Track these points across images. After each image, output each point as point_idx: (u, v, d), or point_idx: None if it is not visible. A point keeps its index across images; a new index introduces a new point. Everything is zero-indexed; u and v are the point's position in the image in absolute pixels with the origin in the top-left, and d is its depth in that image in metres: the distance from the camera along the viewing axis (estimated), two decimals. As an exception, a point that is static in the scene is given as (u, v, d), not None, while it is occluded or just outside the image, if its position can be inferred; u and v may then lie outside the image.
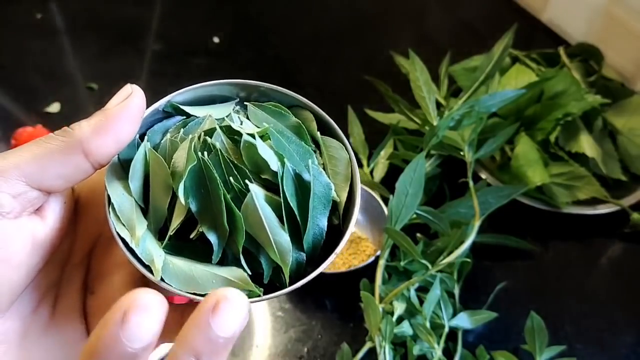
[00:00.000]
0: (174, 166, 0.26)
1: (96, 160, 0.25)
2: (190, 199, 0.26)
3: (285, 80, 0.86)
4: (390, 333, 0.51)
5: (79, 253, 0.29)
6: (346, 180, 0.28)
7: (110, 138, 0.25)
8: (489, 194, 0.60)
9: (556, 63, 0.76)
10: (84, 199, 0.29)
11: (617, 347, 0.58)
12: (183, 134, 0.28)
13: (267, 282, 0.26)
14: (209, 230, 0.26)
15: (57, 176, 0.25)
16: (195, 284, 0.25)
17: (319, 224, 0.27)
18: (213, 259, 0.26)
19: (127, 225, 0.26)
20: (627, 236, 0.68)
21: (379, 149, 0.68)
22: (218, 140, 0.27)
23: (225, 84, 0.29)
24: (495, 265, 0.64)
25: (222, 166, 0.26)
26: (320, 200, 0.27)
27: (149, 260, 0.25)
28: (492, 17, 0.97)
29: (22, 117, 0.79)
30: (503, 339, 0.58)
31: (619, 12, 0.81)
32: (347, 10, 1.01)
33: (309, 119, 0.29)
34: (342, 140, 0.29)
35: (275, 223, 0.26)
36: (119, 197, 0.26)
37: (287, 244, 0.26)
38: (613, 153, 0.70)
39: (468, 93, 0.64)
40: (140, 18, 0.96)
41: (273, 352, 0.57)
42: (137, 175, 0.27)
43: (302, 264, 0.27)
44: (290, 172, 0.26)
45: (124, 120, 0.25)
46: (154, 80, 0.84)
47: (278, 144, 0.27)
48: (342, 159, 0.28)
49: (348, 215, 0.28)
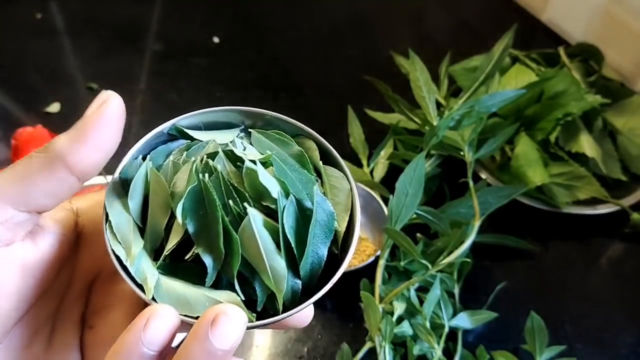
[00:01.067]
0: (174, 187, 0.26)
1: (81, 172, 0.24)
2: (188, 220, 0.26)
3: (284, 81, 0.87)
4: (390, 333, 0.51)
5: (78, 286, 0.29)
6: (346, 210, 0.28)
7: (90, 147, 0.24)
8: (489, 194, 0.60)
9: (556, 63, 0.76)
10: (87, 231, 0.29)
11: (617, 347, 0.58)
12: (186, 156, 0.28)
13: (260, 309, 0.26)
14: (205, 252, 0.26)
15: (43, 195, 0.24)
16: (187, 305, 0.25)
17: (318, 252, 0.27)
18: (207, 282, 0.26)
19: (123, 243, 0.26)
20: (627, 236, 0.68)
21: (379, 149, 0.68)
22: (220, 163, 0.27)
23: (231, 111, 0.30)
24: (495, 265, 0.64)
25: (222, 189, 0.26)
26: (322, 229, 0.27)
27: (141, 279, 0.25)
28: (492, 17, 0.97)
29: (22, 117, 0.79)
30: (503, 339, 0.58)
31: (618, 12, 0.81)
32: (347, 10, 1.01)
33: (312, 148, 0.30)
34: (343, 170, 0.29)
35: (271, 248, 0.25)
36: (117, 215, 0.26)
37: (283, 270, 0.25)
38: (613, 153, 0.70)
39: (468, 93, 0.64)
40: (140, 18, 0.96)
41: (273, 352, 0.57)
42: (137, 194, 0.27)
43: (298, 292, 0.26)
44: (293, 199, 0.26)
45: (102, 127, 0.25)
46: (153, 80, 0.84)
47: (280, 171, 0.27)
48: (343, 189, 0.28)
49: (346, 245, 0.28)
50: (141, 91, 0.82)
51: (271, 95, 0.84)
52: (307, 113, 0.81)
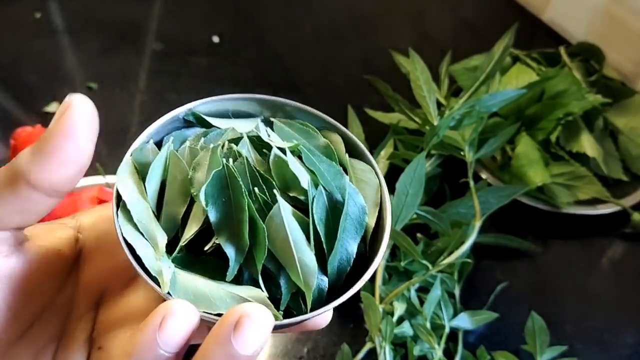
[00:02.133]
0: (194, 171, 0.24)
1: (48, 188, 0.22)
2: (209, 207, 0.24)
3: (285, 80, 0.86)
4: (391, 333, 0.51)
5: (82, 305, 0.27)
6: (375, 206, 0.26)
7: (54, 161, 0.22)
8: (490, 194, 0.59)
9: (557, 62, 0.76)
10: (89, 247, 0.28)
11: (618, 347, 0.58)
12: (204, 142, 0.26)
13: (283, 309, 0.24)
14: (227, 243, 0.23)
15: (12, 212, 0.23)
16: (207, 301, 0.23)
17: (347, 248, 0.25)
18: (228, 276, 0.24)
19: (146, 235, 0.24)
20: (628, 236, 0.68)
21: (379, 148, 0.68)
22: (244, 148, 0.25)
23: (251, 99, 0.28)
24: (496, 266, 0.64)
25: (247, 175, 0.24)
26: (352, 223, 0.25)
27: (156, 272, 0.23)
28: (492, 17, 0.97)
29: (21, 116, 0.78)
30: (504, 339, 0.58)
31: (619, 12, 0.81)
32: (347, 10, 1.00)
33: (337, 141, 0.28)
34: (371, 163, 0.27)
35: (302, 240, 0.23)
36: (134, 202, 0.24)
37: (313, 265, 0.23)
38: (614, 153, 0.70)
39: (469, 93, 0.64)
40: (139, 17, 0.96)
41: (273, 353, 0.57)
42: (156, 178, 0.25)
43: (324, 291, 0.24)
44: (322, 190, 0.25)
45: (65, 138, 0.22)
46: (153, 80, 0.84)
47: (309, 161, 0.25)
48: (371, 183, 0.27)
49: (376, 244, 0.26)
50: (141, 91, 0.82)
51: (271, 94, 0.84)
52: (307, 113, 0.80)
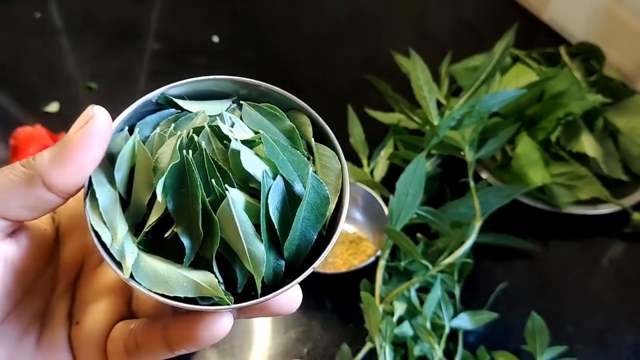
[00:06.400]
0: (157, 162, 0.25)
1: (61, 191, 0.24)
2: (168, 198, 0.25)
3: (285, 80, 0.86)
4: (391, 333, 0.51)
5: (63, 282, 0.29)
6: (336, 191, 0.27)
7: (71, 168, 0.24)
8: (490, 194, 0.59)
9: (557, 62, 0.76)
10: (64, 226, 0.29)
11: (618, 347, 0.58)
12: (173, 129, 0.27)
13: (240, 291, 0.26)
14: (183, 232, 0.25)
15: (20, 208, 0.24)
16: (165, 284, 0.25)
17: (307, 235, 0.26)
18: (184, 262, 0.25)
19: (108, 224, 0.25)
20: (628, 236, 0.67)
21: (379, 148, 0.68)
22: (204, 139, 0.26)
23: (222, 80, 0.29)
24: (496, 266, 0.64)
25: (205, 167, 0.25)
26: (313, 212, 0.26)
27: (120, 257, 0.25)
28: (492, 17, 0.97)
29: (21, 116, 0.78)
30: (504, 339, 0.58)
31: (620, 12, 0.81)
32: (347, 10, 1.00)
33: (305, 123, 0.29)
34: (336, 149, 0.28)
35: (251, 232, 0.25)
36: (102, 191, 0.25)
37: (262, 255, 0.25)
38: (614, 153, 0.70)
39: (469, 93, 0.64)
40: (139, 17, 0.96)
41: (273, 353, 0.57)
42: (124, 167, 0.26)
43: (280, 273, 0.26)
44: (281, 182, 0.26)
45: (85, 148, 0.24)
46: (153, 80, 0.84)
47: (271, 151, 0.26)
48: (333, 169, 0.27)
49: (334, 227, 0.27)
50: (140, 91, 0.82)
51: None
52: (307, 113, 0.80)
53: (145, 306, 0.29)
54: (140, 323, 0.27)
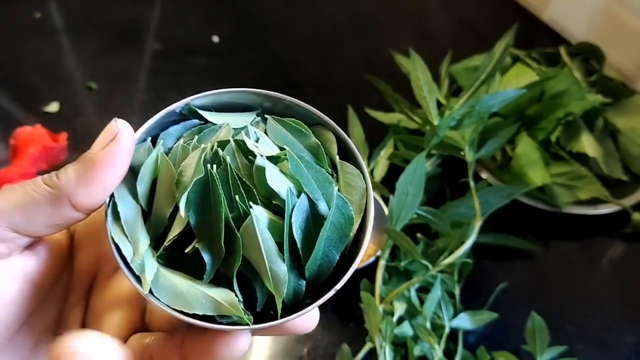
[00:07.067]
0: (181, 175, 0.25)
1: (86, 209, 0.24)
2: (191, 212, 0.25)
3: (285, 80, 0.86)
4: (391, 333, 0.51)
5: (76, 291, 0.28)
6: (360, 211, 0.27)
7: (97, 186, 0.24)
8: (490, 194, 0.59)
9: (557, 62, 0.76)
10: (79, 235, 0.29)
11: (618, 347, 0.58)
12: (197, 141, 0.27)
13: (260, 310, 0.25)
14: (204, 248, 0.25)
15: (44, 226, 0.24)
16: (183, 301, 0.24)
17: (329, 256, 0.26)
18: (204, 278, 0.25)
19: (130, 238, 0.25)
20: (628, 236, 0.67)
21: (379, 148, 0.68)
22: (229, 154, 0.25)
23: (247, 93, 0.28)
24: (496, 266, 0.64)
25: (229, 182, 0.25)
26: (337, 232, 0.25)
27: (140, 272, 0.24)
28: (493, 17, 0.97)
29: (20, 116, 0.78)
30: (504, 339, 0.58)
31: (620, 11, 0.81)
32: (347, 10, 1.00)
33: (330, 140, 0.28)
34: (360, 167, 0.27)
35: (273, 251, 0.24)
36: (125, 202, 0.25)
37: (284, 275, 0.24)
38: (614, 153, 0.70)
39: (469, 93, 0.64)
40: (139, 17, 0.96)
41: (272, 353, 0.57)
42: (146, 179, 0.26)
43: (300, 294, 0.26)
44: (305, 201, 0.25)
45: (111, 166, 0.24)
46: (153, 80, 0.84)
47: (296, 168, 0.25)
48: (358, 188, 0.27)
49: (357, 247, 0.26)
50: (141, 90, 0.82)
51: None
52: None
53: (159, 319, 0.29)
54: (156, 338, 0.27)
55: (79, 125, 0.75)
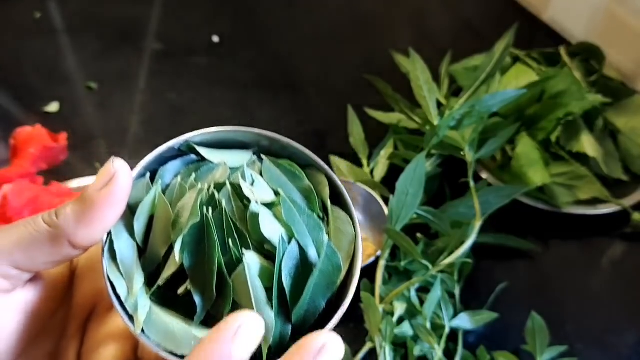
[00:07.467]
0: (177, 216, 0.26)
1: (84, 246, 0.25)
2: (185, 254, 0.25)
3: (285, 80, 0.86)
4: (391, 333, 0.51)
5: (74, 324, 0.29)
6: (348, 258, 0.27)
7: (95, 226, 0.25)
8: (490, 194, 0.59)
9: (557, 62, 0.76)
10: (81, 268, 0.29)
11: (619, 347, 0.58)
12: (194, 179, 0.27)
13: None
14: (196, 291, 0.25)
15: (45, 263, 0.25)
16: (174, 341, 0.25)
17: (316, 302, 0.26)
18: (195, 319, 0.26)
19: (125, 276, 0.25)
20: (628, 236, 0.67)
21: (379, 148, 0.68)
22: (225, 197, 0.26)
23: (246, 132, 0.29)
24: (496, 266, 0.64)
25: (223, 227, 0.26)
26: (325, 280, 0.26)
27: (133, 311, 0.25)
28: (493, 17, 0.97)
29: (20, 116, 0.78)
30: (504, 339, 0.58)
31: (620, 12, 0.81)
32: (347, 10, 1.00)
33: (323, 183, 0.29)
34: (350, 213, 0.28)
35: (263, 298, 0.25)
36: (121, 240, 0.26)
37: (271, 322, 0.25)
38: (614, 153, 0.70)
39: (469, 93, 0.64)
40: (139, 17, 0.96)
41: (273, 353, 0.57)
42: (143, 217, 0.26)
43: (286, 338, 0.26)
44: (295, 247, 0.26)
45: (109, 207, 0.25)
46: (153, 80, 0.84)
47: (288, 214, 0.26)
48: (347, 234, 0.28)
49: (343, 293, 0.27)
50: (141, 91, 0.82)
51: (271, 94, 0.84)
52: (307, 113, 0.80)
53: (150, 355, 0.29)
54: None
55: (79, 125, 0.75)
